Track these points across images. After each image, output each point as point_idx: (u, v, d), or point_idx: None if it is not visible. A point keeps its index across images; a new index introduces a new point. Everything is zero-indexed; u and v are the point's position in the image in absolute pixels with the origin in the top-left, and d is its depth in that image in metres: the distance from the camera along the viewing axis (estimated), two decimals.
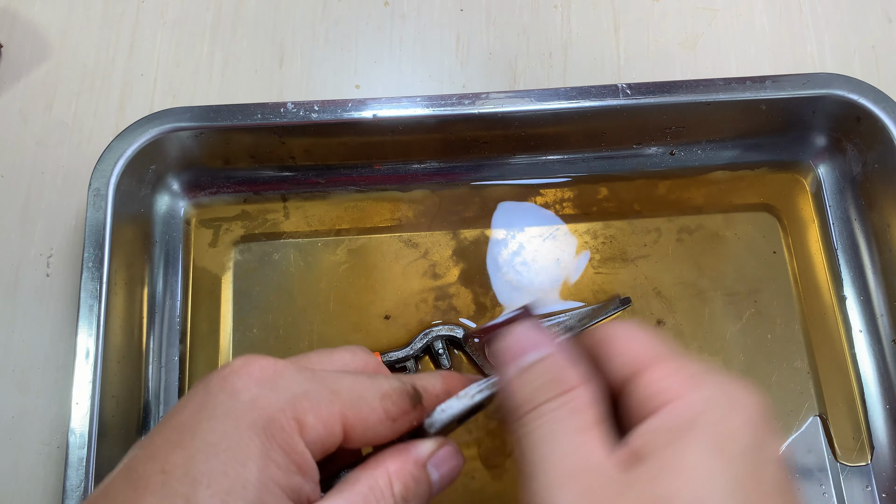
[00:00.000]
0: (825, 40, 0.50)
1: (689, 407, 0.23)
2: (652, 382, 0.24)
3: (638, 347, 0.25)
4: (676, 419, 0.23)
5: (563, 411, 0.24)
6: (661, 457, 0.22)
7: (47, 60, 0.49)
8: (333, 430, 0.25)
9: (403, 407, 0.27)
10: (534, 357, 0.26)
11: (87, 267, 0.39)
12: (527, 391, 0.25)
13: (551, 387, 0.25)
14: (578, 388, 0.25)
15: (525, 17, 0.50)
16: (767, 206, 0.46)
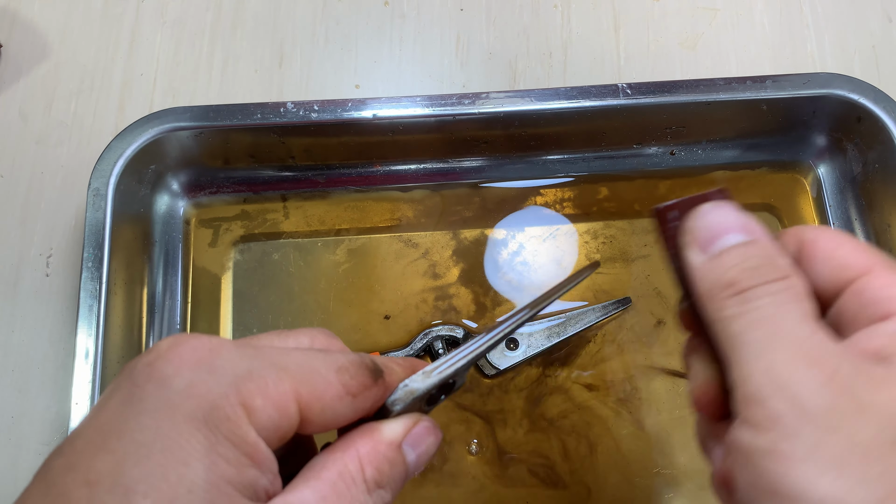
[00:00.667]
0: (825, 40, 0.49)
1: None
2: (883, 287, 0.22)
3: (855, 253, 0.23)
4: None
5: (787, 294, 0.22)
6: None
7: (47, 60, 0.49)
8: (287, 412, 0.22)
9: (363, 381, 0.24)
10: (738, 238, 0.23)
11: (86, 267, 0.39)
12: (735, 271, 0.22)
13: (767, 270, 0.22)
14: (794, 276, 0.22)
15: (525, 16, 0.50)
16: (768, 205, 0.46)
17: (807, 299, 0.22)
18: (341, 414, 0.24)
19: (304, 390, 0.23)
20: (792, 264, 0.23)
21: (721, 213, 0.25)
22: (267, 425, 0.22)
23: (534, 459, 0.40)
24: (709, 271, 0.23)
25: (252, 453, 0.21)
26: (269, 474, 0.22)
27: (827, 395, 0.19)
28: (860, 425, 0.19)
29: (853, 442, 0.19)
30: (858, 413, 0.19)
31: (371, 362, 0.25)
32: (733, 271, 0.23)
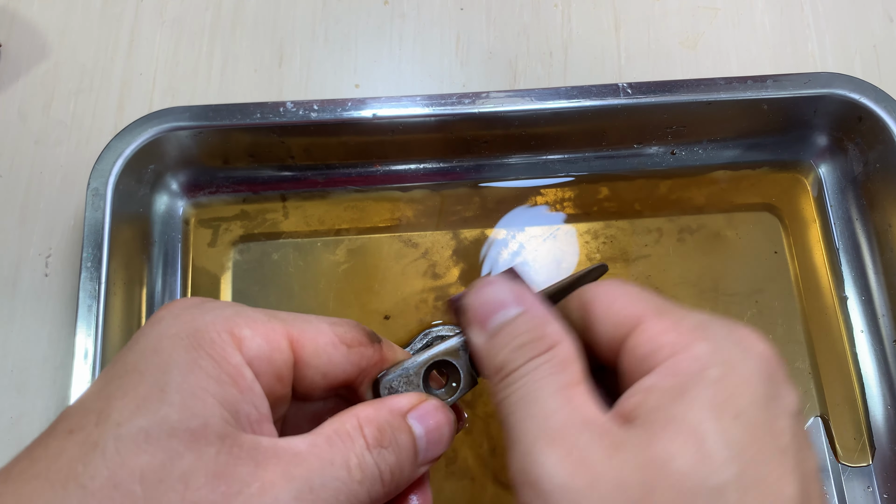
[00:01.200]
0: (826, 39, 0.49)
1: (691, 361, 0.21)
2: (648, 340, 0.22)
3: (628, 304, 0.23)
4: (677, 376, 0.21)
5: (545, 368, 0.22)
6: (658, 416, 0.20)
7: (46, 60, 0.49)
8: (278, 345, 0.23)
9: (356, 336, 0.25)
10: (509, 314, 0.24)
11: (85, 267, 0.39)
12: (504, 353, 0.23)
13: (532, 346, 0.23)
14: (560, 343, 0.23)
15: (525, 16, 0.50)
16: (769, 205, 0.45)
17: (570, 366, 0.22)
18: (337, 362, 0.24)
19: (296, 332, 0.24)
20: (562, 330, 0.23)
21: (494, 288, 0.24)
22: (255, 354, 0.22)
23: None
24: (485, 354, 0.24)
25: (235, 375, 0.22)
26: (251, 406, 0.22)
27: (562, 473, 0.20)
28: (594, 500, 0.19)
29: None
30: (590, 488, 0.19)
31: (368, 329, 0.25)
32: (503, 353, 0.23)
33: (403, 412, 0.24)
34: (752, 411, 0.20)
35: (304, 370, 0.24)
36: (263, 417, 0.22)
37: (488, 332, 0.24)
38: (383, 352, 0.26)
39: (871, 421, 0.41)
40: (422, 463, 0.24)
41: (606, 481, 0.19)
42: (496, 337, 0.24)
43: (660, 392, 0.20)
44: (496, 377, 0.23)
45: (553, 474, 0.20)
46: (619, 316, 0.23)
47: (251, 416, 0.22)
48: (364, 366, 0.25)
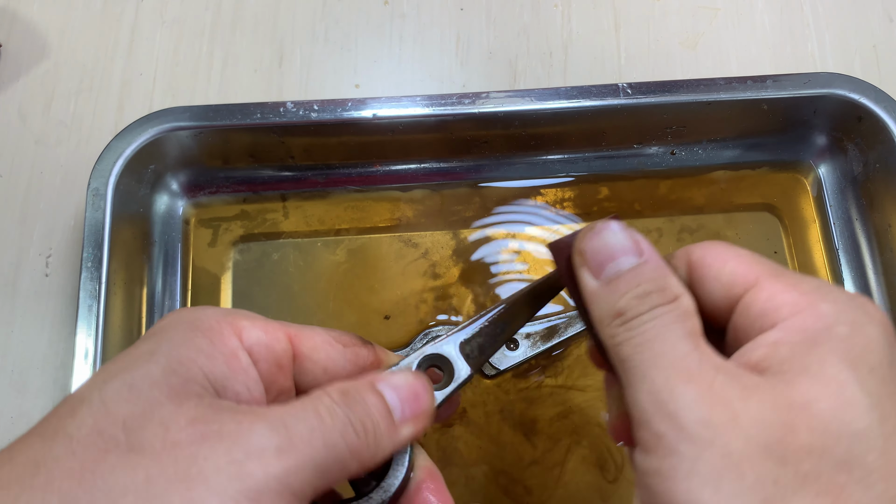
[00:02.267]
0: (826, 40, 0.49)
1: (818, 318, 0.21)
2: (768, 298, 0.22)
3: (742, 266, 0.23)
4: (805, 331, 0.21)
5: (672, 315, 0.22)
6: (792, 366, 0.20)
7: (46, 60, 0.49)
8: (276, 337, 0.24)
9: (351, 338, 0.26)
10: (630, 262, 0.24)
11: (86, 267, 0.39)
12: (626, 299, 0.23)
13: (654, 296, 0.23)
14: (682, 296, 0.23)
15: (525, 16, 0.50)
16: (768, 205, 0.45)
17: (692, 318, 0.22)
18: (335, 358, 0.26)
19: (293, 330, 0.25)
20: (680, 284, 0.23)
21: (612, 235, 0.24)
22: (255, 342, 0.24)
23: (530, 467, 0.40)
24: (601, 299, 0.24)
25: (228, 355, 0.23)
26: (246, 385, 0.23)
27: (702, 408, 0.20)
28: (733, 436, 0.20)
29: (727, 453, 0.19)
30: (731, 423, 0.20)
31: (359, 335, 0.27)
32: (623, 300, 0.23)
33: (371, 381, 0.25)
34: (884, 369, 0.21)
35: (305, 363, 0.25)
36: (255, 400, 0.23)
37: (605, 277, 0.24)
38: (378, 354, 0.27)
39: None
40: (400, 421, 0.24)
41: (747, 418, 0.20)
42: (615, 283, 0.24)
43: (789, 345, 0.21)
44: (615, 321, 0.23)
45: (693, 408, 0.20)
46: (732, 275, 0.23)
47: (241, 395, 0.23)
48: (361, 364, 0.26)
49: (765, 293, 0.22)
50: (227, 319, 0.24)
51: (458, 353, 0.27)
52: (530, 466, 0.40)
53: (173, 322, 0.24)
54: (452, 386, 0.27)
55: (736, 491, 0.19)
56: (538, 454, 0.40)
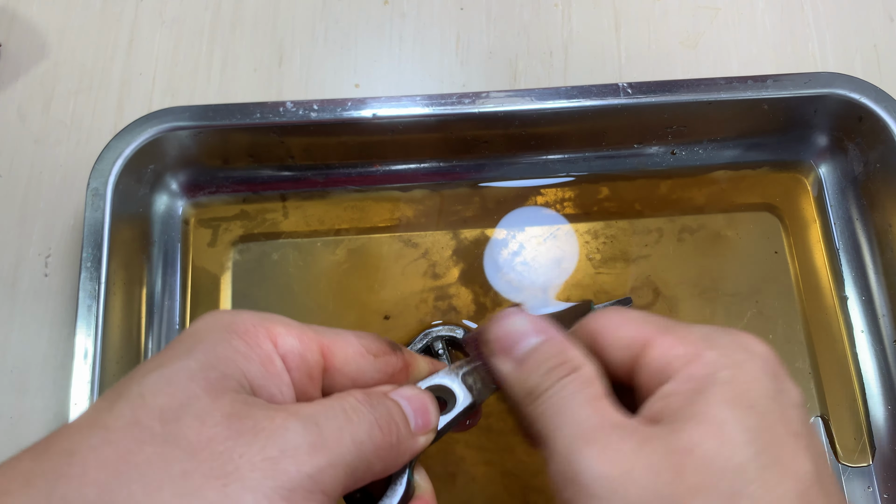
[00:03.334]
0: (827, 39, 0.49)
1: (704, 367, 0.23)
2: (661, 355, 0.24)
3: (634, 328, 0.25)
4: (693, 380, 0.23)
5: (575, 385, 0.24)
6: (681, 414, 0.22)
7: (46, 59, 0.49)
8: (310, 347, 0.25)
9: (381, 346, 0.27)
10: (534, 341, 0.26)
11: (85, 267, 0.39)
12: (534, 377, 0.25)
13: (558, 369, 0.25)
14: (584, 365, 0.25)
15: (525, 15, 0.50)
16: (769, 205, 0.45)
17: (594, 383, 0.24)
18: (365, 370, 0.26)
19: (326, 341, 0.25)
20: (583, 354, 0.25)
21: (513, 320, 0.27)
22: (289, 349, 0.24)
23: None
24: (515, 380, 0.26)
25: (264, 358, 0.23)
26: (279, 389, 0.24)
27: (600, 466, 0.22)
28: (629, 487, 0.21)
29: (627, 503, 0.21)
30: (627, 475, 0.21)
31: (389, 339, 0.27)
32: (532, 377, 0.25)
33: (384, 391, 0.26)
34: (763, 402, 0.22)
35: (335, 376, 0.26)
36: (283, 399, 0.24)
37: (515, 359, 0.26)
38: (406, 359, 0.28)
39: (871, 421, 0.41)
40: (415, 430, 0.25)
41: (641, 468, 0.21)
42: (524, 363, 0.26)
43: (680, 395, 0.23)
44: (528, 399, 0.25)
45: (591, 467, 0.22)
46: (627, 339, 0.25)
47: (274, 397, 0.23)
48: (390, 372, 0.27)
49: (657, 350, 0.24)
50: (263, 324, 0.24)
51: (461, 383, 0.28)
52: (538, 475, 0.40)
53: (209, 324, 0.24)
54: (454, 413, 0.27)
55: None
56: None
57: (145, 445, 0.20)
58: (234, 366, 0.22)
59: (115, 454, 0.20)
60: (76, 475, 0.19)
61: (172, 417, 0.20)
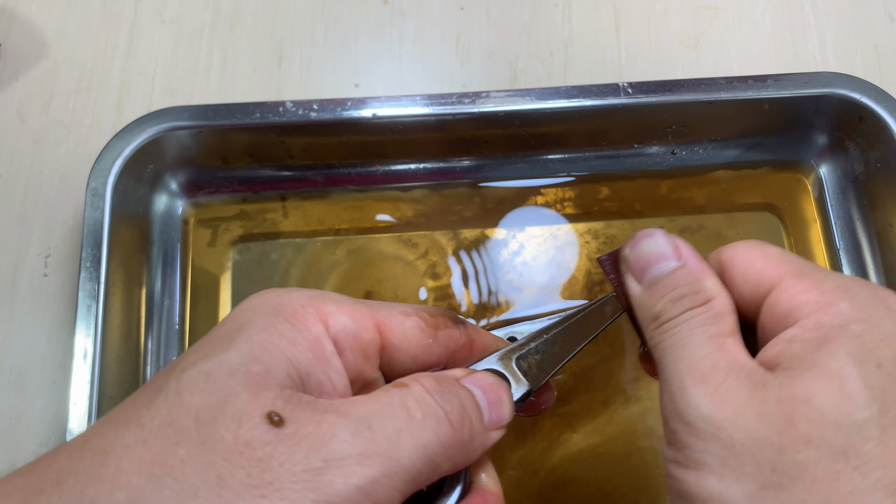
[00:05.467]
0: (827, 39, 0.49)
1: (834, 316, 0.22)
2: (790, 298, 0.23)
3: (767, 265, 0.24)
4: (820, 329, 0.22)
5: (701, 318, 0.24)
6: (801, 362, 0.21)
7: (45, 59, 0.49)
8: (364, 325, 0.23)
9: (442, 319, 0.25)
10: (669, 266, 0.25)
11: (84, 267, 0.38)
12: (661, 303, 0.24)
13: (690, 298, 0.24)
14: (716, 298, 0.24)
15: (525, 15, 0.50)
16: (769, 205, 0.45)
17: (723, 319, 0.24)
18: (426, 346, 0.24)
19: (381, 316, 0.24)
20: (718, 285, 0.25)
21: (652, 241, 0.26)
22: (341, 329, 0.22)
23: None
24: (643, 304, 0.25)
25: (313, 342, 0.22)
26: (328, 376, 0.22)
27: (706, 407, 0.21)
28: (734, 430, 0.21)
29: (729, 445, 0.21)
30: (734, 419, 0.21)
31: (452, 313, 0.26)
32: (660, 304, 0.25)
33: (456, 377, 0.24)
34: (894, 363, 0.21)
35: (394, 353, 0.24)
36: (337, 392, 0.22)
37: (646, 282, 0.25)
38: (470, 333, 0.26)
39: None
40: (489, 424, 0.23)
41: (749, 412, 0.21)
42: (654, 287, 0.25)
43: (802, 342, 0.22)
44: (652, 324, 0.25)
45: (699, 406, 0.21)
46: (758, 276, 0.24)
47: (324, 385, 0.22)
48: (453, 348, 0.25)
49: (787, 293, 0.23)
50: (312, 304, 0.22)
51: (516, 369, 0.26)
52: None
53: (255, 306, 0.22)
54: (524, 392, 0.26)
55: (737, 477, 0.21)
56: None
57: (179, 447, 0.19)
58: (279, 355, 0.21)
59: (150, 456, 0.19)
60: (108, 476, 0.18)
61: (208, 417, 0.19)
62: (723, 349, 0.23)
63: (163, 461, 0.18)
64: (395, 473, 0.20)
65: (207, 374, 0.20)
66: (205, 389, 0.20)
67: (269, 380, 0.20)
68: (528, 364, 0.26)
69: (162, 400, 0.20)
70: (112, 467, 0.18)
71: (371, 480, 0.19)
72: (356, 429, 0.20)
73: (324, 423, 0.19)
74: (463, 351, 0.26)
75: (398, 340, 0.24)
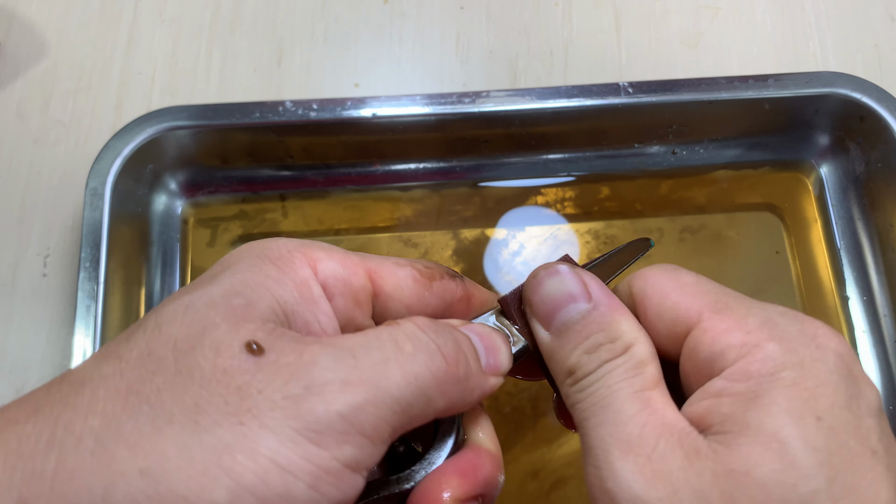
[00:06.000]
0: (828, 39, 0.49)
1: (762, 363, 0.19)
2: (712, 341, 0.20)
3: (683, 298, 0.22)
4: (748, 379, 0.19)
5: (621, 371, 0.21)
6: (734, 424, 0.19)
7: (44, 59, 0.49)
8: (355, 272, 0.22)
9: (437, 271, 0.24)
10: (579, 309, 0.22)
11: (84, 267, 0.38)
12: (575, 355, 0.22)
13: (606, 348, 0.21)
14: (636, 344, 0.21)
15: (526, 14, 0.50)
16: (770, 205, 0.45)
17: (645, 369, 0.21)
18: (421, 296, 0.23)
19: (373, 265, 0.23)
20: (635, 326, 0.22)
21: (558, 281, 0.23)
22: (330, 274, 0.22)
23: None
24: (553, 353, 0.23)
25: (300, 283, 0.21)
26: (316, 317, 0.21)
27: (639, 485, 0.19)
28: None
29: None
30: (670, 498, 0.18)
31: (448, 267, 0.24)
32: (573, 355, 0.22)
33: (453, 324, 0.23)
34: (835, 413, 0.19)
35: (387, 302, 0.23)
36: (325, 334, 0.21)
37: (554, 329, 0.22)
38: (468, 287, 0.25)
39: None
40: (487, 369, 0.22)
41: (686, 491, 0.18)
42: (564, 335, 0.22)
43: (731, 397, 0.19)
44: (567, 380, 0.22)
45: (629, 486, 0.19)
46: (674, 312, 0.22)
47: (311, 326, 0.21)
48: (449, 300, 0.24)
49: (708, 335, 0.21)
50: (300, 249, 0.22)
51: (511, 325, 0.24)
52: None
53: (241, 251, 0.22)
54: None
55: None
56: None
57: (156, 376, 0.18)
58: (263, 291, 0.20)
59: (126, 384, 0.18)
60: (83, 404, 0.18)
61: (186, 347, 0.19)
62: (649, 407, 0.20)
63: (139, 389, 0.18)
64: (382, 402, 0.19)
65: (187, 306, 0.20)
66: (184, 321, 0.19)
67: (250, 312, 0.20)
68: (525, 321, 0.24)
69: (141, 333, 0.20)
70: (88, 396, 0.18)
71: (354, 407, 0.18)
72: (339, 357, 0.19)
73: (305, 353, 0.19)
74: (460, 304, 0.24)
75: (391, 289, 0.23)
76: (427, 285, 0.23)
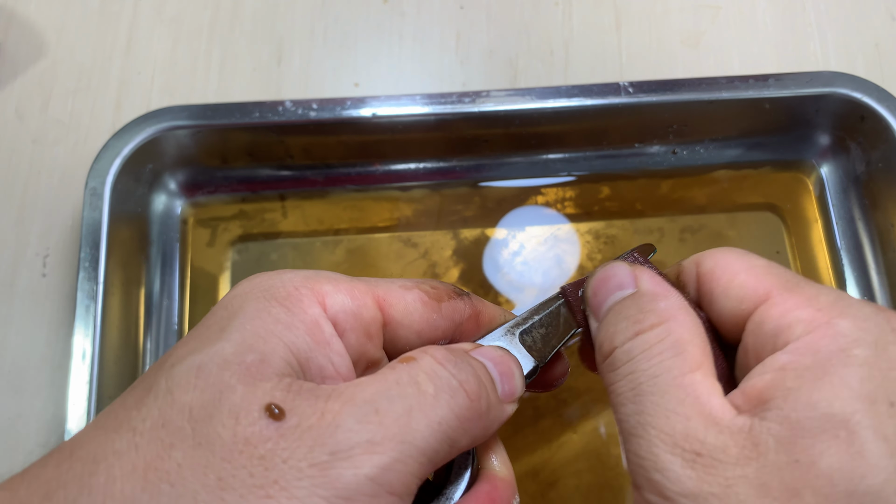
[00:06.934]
0: (828, 38, 0.49)
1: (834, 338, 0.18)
2: (780, 315, 0.19)
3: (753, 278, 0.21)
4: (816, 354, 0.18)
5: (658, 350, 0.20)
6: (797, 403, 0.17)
7: (44, 58, 0.48)
8: (363, 302, 0.21)
9: (445, 290, 0.23)
10: (623, 294, 0.22)
11: (83, 267, 0.38)
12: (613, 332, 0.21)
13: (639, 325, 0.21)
14: (671, 319, 0.20)
15: (526, 14, 0.50)
16: (770, 205, 0.45)
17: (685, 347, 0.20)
18: (430, 319, 0.23)
19: (381, 292, 0.22)
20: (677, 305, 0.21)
21: (605, 272, 0.23)
22: (340, 309, 0.21)
23: None
24: (594, 338, 0.22)
25: (310, 325, 0.20)
26: (329, 359, 0.20)
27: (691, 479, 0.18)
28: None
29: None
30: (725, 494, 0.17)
31: (454, 285, 0.24)
32: (607, 340, 0.21)
33: (465, 350, 0.22)
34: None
35: (397, 330, 0.22)
36: (340, 376, 0.20)
37: (601, 316, 0.22)
38: (475, 304, 0.24)
39: None
40: (503, 396, 0.22)
41: (742, 486, 0.17)
42: (604, 322, 0.22)
43: (796, 372, 0.18)
44: (603, 364, 0.21)
45: (680, 481, 0.18)
46: (742, 290, 0.21)
47: (325, 370, 0.20)
48: (458, 320, 0.24)
49: (777, 309, 0.20)
50: (307, 284, 0.21)
51: (519, 344, 0.24)
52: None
53: (245, 292, 0.21)
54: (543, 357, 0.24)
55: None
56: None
57: (174, 450, 0.17)
58: (275, 341, 0.19)
59: (143, 461, 0.17)
60: (99, 486, 0.17)
61: (204, 415, 0.18)
62: (691, 396, 0.19)
63: (157, 466, 0.17)
64: (409, 457, 0.18)
65: (199, 368, 0.19)
66: (197, 385, 0.18)
67: (265, 369, 0.19)
68: (533, 339, 0.24)
69: (152, 399, 0.18)
70: (103, 476, 0.17)
71: (383, 468, 0.18)
72: (362, 415, 0.18)
73: (327, 413, 0.18)
74: (469, 323, 0.24)
75: (400, 316, 0.22)
76: (436, 308, 0.23)
